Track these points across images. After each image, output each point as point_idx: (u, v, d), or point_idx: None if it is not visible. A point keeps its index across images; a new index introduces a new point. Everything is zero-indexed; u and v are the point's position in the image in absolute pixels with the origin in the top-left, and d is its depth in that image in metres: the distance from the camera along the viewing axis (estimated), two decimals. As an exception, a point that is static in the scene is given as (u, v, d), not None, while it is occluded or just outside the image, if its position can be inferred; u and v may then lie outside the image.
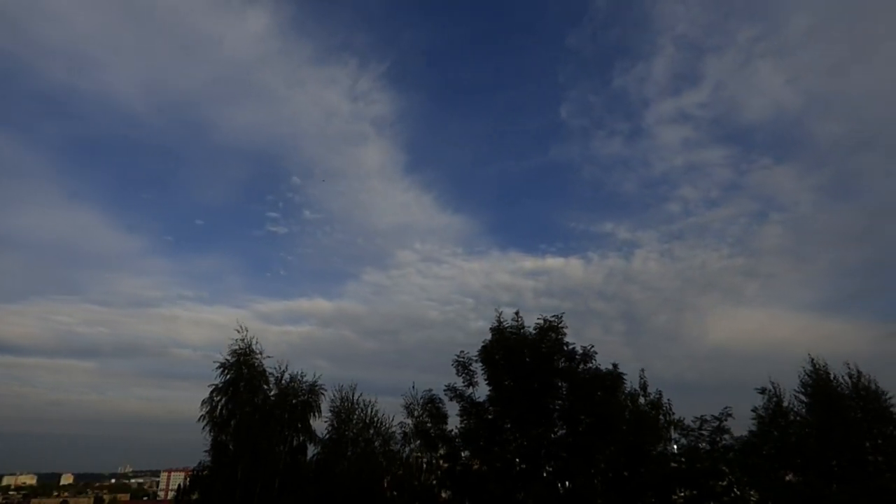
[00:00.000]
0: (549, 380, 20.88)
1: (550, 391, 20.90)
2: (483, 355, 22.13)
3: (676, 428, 21.18)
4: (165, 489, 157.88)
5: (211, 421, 21.48)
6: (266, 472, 20.45)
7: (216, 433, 21.45)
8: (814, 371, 23.51)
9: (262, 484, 20.25)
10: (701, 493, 18.55)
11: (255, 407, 21.58)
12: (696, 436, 20.42)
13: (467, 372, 22.68)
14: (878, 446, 21.73)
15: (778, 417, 22.50)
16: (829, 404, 22.14)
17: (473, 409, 22.11)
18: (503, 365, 21.57)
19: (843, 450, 21.13)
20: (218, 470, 20.80)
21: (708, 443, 20.29)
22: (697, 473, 18.44)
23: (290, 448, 22.29)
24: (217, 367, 22.32)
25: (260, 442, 20.60)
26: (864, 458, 21.34)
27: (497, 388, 21.59)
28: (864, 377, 22.60)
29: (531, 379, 20.79)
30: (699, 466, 18.56)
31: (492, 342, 22.15)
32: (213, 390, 21.94)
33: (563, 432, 20.71)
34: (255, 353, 22.87)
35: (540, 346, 21.14)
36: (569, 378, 20.86)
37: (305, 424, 22.84)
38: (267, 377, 22.90)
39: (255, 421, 21.01)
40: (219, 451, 21.20)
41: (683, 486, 18.71)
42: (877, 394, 22.17)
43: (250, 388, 21.99)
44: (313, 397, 23.34)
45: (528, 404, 20.42)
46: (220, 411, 21.56)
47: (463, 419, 22.15)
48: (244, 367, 22.35)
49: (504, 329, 22.25)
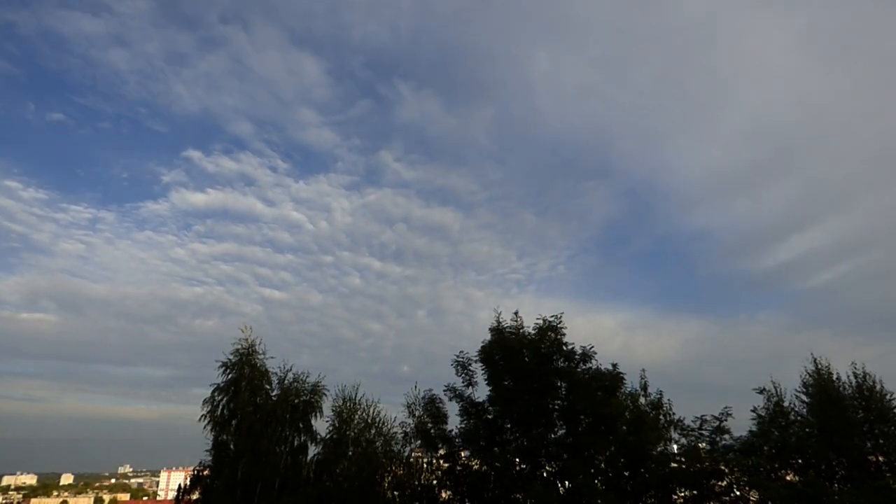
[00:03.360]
0: (548, 380, 20.88)
1: (550, 391, 20.89)
2: (482, 355, 22.13)
3: (676, 428, 21.18)
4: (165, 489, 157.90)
5: (212, 420, 21.50)
6: (267, 471, 20.45)
7: (217, 433, 21.48)
8: (816, 371, 23.53)
9: (262, 484, 20.26)
10: (701, 493, 18.53)
11: (257, 407, 21.59)
12: (697, 436, 20.44)
13: (467, 372, 22.70)
14: (879, 446, 21.74)
15: (778, 417, 22.52)
16: (830, 404, 22.15)
17: (473, 409, 22.13)
18: (503, 365, 21.57)
19: (844, 450, 21.13)
20: (218, 470, 20.83)
21: (708, 443, 20.30)
22: (697, 473, 18.42)
23: (291, 448, 22.30)
24: (219, 367, 22.37)
25: (261, 442, 20.61)
26: (865, 459, 21.35)
27: (497, 388, 21.59)
28: (868, 377, 22.64)
29: (531, 379, 20.78)
30: (699, 466, 18.55)
31: (491, 342, 22.14)
32: (215, 389, 21.96)
33: (562, 432, 20.71)
34: (258, 353, 22.92)
35: (539, 346, 21.13)
36: (568, 378, 20.86)
37: (307, 424, 22.86)
38: (269, 377, 22.93)
39: (256, 421, 21.02)
40: (220, 451, 21.22)
41: (683, 486, 18.70)
42: (881, 394, 22.17)
43: (252, 388, 22.00)
44: (315, 397, 23.36)
45: (528, 404, 20.43)
46: (221, 411, 21.57)
47: (463, 419, 22.17)
48: (246, 367, 22.37)
49: (503, 329, 22.23)
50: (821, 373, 23.39)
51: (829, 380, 23.09)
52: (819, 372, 23.45)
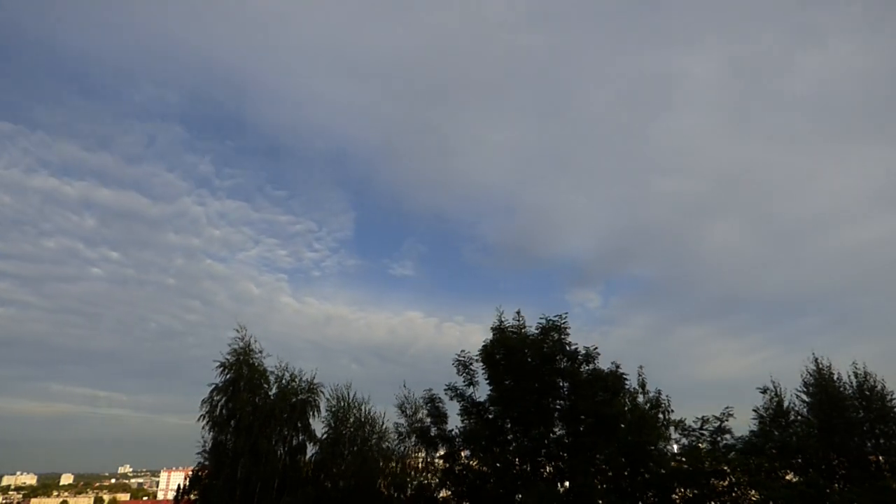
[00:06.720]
0: (550, 379, 20.78)
1: (551, 391, 20.80)
2: (483, 355, 21.99)
3: (677, 428, 21.11)
4: (165, 489, 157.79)
5: (211, 420, 21.40)
6: (266, 471, 20.36)
7: (216, 433, 21.37)
8: (817, 371, 23.46)
9: (261, 483, 20.18)
10: (702, 492, 18.46)
11: (255, 406, 21.47)
12: (698, 435, 20.36)
13: (468, 371, 22.57)
14: (879, 446, 21.69)
15: (779, 417, 22.47)
16: (831, 404, 22.09)
17: (474, 408, 22.01)
18: (504, 364, 21.45)
19: (845, 450, 21.08)
20: (218, 469, 20.74)
21: (709, 442, 20.22)
22: (698, 473, 18.35)
23: (289, 448, 22.22)
24: (217, 367, 22.28)
25: (260, 441, 20.53)
26: (865, 459, 21.31)
27: (498, 387, 21.47)
28: (870, 377, 22.58)
29: (532, 379, 20.68)
30: (700, 466, 18.48)
31: (492, 342, 22.01)
32: (213, 389, 21.86)
33: (563, 432, 20.62)
34: (255, 353, 22.83)
35: (542, 346, 21.02)
36: (570, 378, 20.76)
37: (305, 423, 22.77)
38: (267, 376, 22.83)
39: (255, 420, 20.92)
40: (219, 451, 21.13)
41: (684, 485, 18.62)
42: (882, 394, 22.12)
43: (250, 388, 21.89)
44: (313, 396, 23.28)
45: (529, 404, 20.32)
46: (219, 411, 21.47)
47: (463, 419, 22.06)
48: (244, 367, 22.27)
49: (505, 329, 22.12)
50: (821, 373, 23.33)
51: (829, 380, 23.04)
52: (820, 372, 23.39)
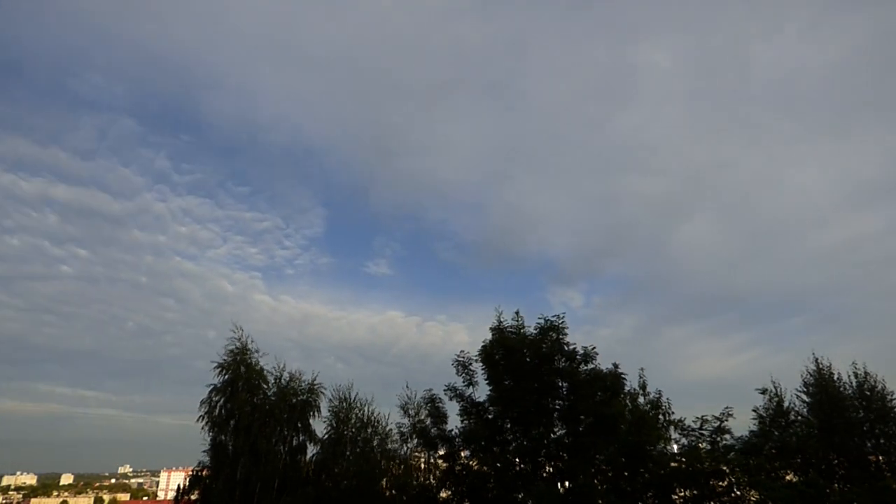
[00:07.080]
0: (549, 380, 20.78)
1: (551, 391, 20.80)
2: (483, 355, 22.01)
3: (677, 428, 21.10)
4: (165, 489, 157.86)
5: (210, 421, 21.39)
6: (266, 471, 20.35)
7: (215, 433, 21.36)
8: (817, 370, 23.44)
9: (261, 484, 20.17)
10: (702, 493, 18.44)
11: (255, 406, 21.46)
12: (697, 436, 20.33)
13: (467, 372, 22.58)
14: (879, 446, 21.68)
15: (779, 417, 22.44)
16: (831, 404, 22.08)
17: (473, 408, 22.02)
18: (503, 365, 21.46)
19: (845, 450, 21.07)
20: (218, 470, 20.73)
21: (709, 443, 20.20)
22: (698, 473, 18.33)
23: (289, 448, 22.20)
24: (215, 367, 22.25)
25: (259, 442, 20.52)
26: (865, 459, 21.29)
27: (497, 387, 21.48)
28: (870, 377, 22.56)
29: (531, 378, 20.69)
30: (700, 466, 18.46)
31: (492, 342, 22.02)
32: (212, 390, 21.82)
33: (563, 432, 20.62)
34: (251, 352, 22.79)
35: (541, 346, 21.02)
36: (570, 378, 20.76)
37: (305, 424, 22.75)
38: (265, 376, 22.80)
39: (254, 421, 20.91)
40: (218, 451, 21.12)
41: (684, 486, 18.61)
42: (882, 394, 22.10)
43: (249, 388, 21.87)
44: (313, 396, 23.26)
45: (529, 404, 20.32)
46: (218, 411, 21.45)
47: (463, 419, 22.06)
48: (242, 367, 22.25)
49: (504, 329, 22.13)
50: (822, 372, 23.32)
51: (829, 379, 23.03)
52: (820, 372, 23.38)
